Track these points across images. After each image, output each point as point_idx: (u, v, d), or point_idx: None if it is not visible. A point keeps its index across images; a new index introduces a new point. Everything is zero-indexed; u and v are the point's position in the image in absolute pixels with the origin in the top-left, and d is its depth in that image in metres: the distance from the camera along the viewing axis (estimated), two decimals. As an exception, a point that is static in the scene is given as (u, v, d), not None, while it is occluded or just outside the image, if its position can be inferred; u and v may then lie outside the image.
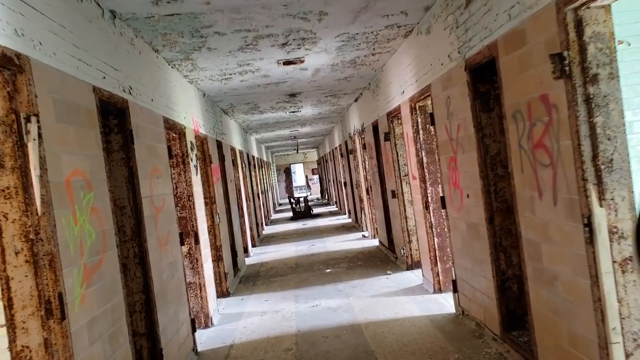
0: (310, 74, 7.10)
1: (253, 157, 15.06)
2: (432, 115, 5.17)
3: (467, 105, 4.09)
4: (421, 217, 6.21)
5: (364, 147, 10.18)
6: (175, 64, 5.66)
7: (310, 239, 12.22)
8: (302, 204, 18.89)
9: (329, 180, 22.73)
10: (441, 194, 5.22)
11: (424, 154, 5.93)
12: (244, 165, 11.87)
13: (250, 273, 8.84)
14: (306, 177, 33.16)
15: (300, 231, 14.07)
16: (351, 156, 12.45)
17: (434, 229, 5.94)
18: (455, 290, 5.13)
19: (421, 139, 5.93)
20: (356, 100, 10.19)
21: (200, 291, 5.78)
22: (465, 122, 4.21)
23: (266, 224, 16.95)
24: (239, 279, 8.34)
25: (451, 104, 4.50)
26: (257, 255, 10.72)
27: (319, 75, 7.28)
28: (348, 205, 15.40)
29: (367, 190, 10.66)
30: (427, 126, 5.94)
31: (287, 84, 7.66)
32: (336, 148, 16.36)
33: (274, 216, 20.66)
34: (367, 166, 10.54)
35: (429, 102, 5.73)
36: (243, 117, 10.93)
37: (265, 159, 21.54)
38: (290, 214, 19.33)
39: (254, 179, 14.36)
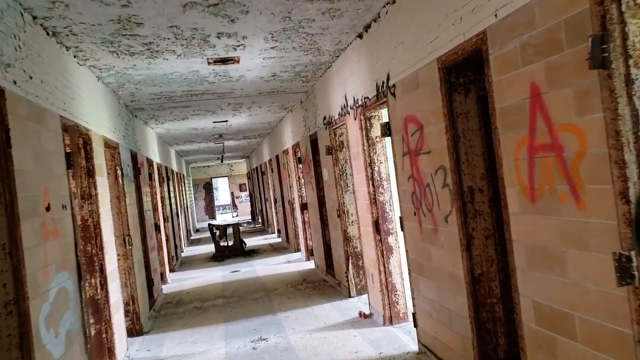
0: None
1: (151, 163, 9.02)
2: None
3: None
4: None
5: (384, 133, 4.65)
6: None
7: (254, 314, 6.44)
8: (230, 233, 12.97)
9: (266, 200, 16.97)
10: None
11: None
12: (123, 175, 5.88)
13: None
14: (232, 194, 27.04)
15: (230, 290, 8.19)
16: (327, 158, 6.93)
17: None
18: None
19: None
20: (364, 32, 4.73)
21: None
22: None
23: (174, 269, 10.85)
24: None
25: None
26: (138, 373, 4.79)
27: None
28: (306, 239, 9.79)
29: (375, 223, 5.15)
30: None
31: None
32: (285, 151, 10.76)
33: (187, 251, 14.47)
34: (373, 175, 5.05)
35: None
36: (114, 64, 5.03)
37: (176, 169, 15.39)
38: (212, 247, 13.32)
39: (149, 198, 8.33)
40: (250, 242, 14.20)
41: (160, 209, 9.87)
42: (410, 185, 4.08)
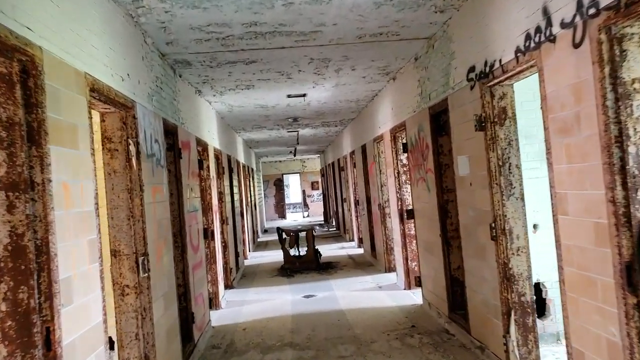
0: None
1: (205, 147, 6.66)
2: None
3: None
4: None
5: None
6: None
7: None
8: (301, 239, 10.47)
9: (343, 200, 14.40)
10: None
11: None
12: (139, 154, 3.48)
13: None
14: (303, 192, 24.80)
15: (303, 332, 5.60)
16: (473, 138, 4.18)
17: None
18: None
19: None
20: None
21: None
22: None
23: (231, 285, 8.47)
24: None
25: None
26: None
27: None
28: (406, 259, 7.07)
29: (626, 267, 2.34)
30: None
31: None
32: (378, 138, 8.07)
33: (252, 258, 12.19)
34: (625, 163, 2.23)
35: None
36: None
37: (243, 162, 13.21)
38: (280, 256, 10.87)
39: (196, 193, 5.98)
40: (325, 251, 11.67)
41: (216, 209, 7.58)
42: None
